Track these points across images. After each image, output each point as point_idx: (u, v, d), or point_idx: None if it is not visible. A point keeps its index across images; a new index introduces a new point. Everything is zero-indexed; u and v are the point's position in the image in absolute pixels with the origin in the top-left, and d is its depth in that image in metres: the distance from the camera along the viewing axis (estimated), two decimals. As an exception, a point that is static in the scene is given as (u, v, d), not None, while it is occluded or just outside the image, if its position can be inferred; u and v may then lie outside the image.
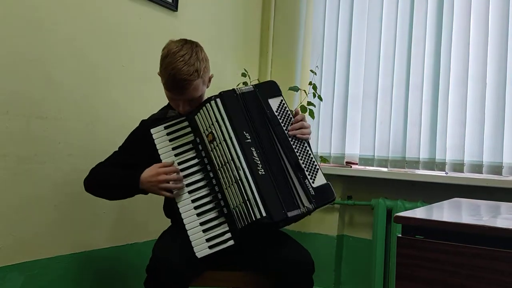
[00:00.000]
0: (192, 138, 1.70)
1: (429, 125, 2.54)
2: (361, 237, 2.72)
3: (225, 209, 1.62)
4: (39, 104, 1.83)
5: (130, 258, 2.21)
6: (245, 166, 1.60)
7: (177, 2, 2.40)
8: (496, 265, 1.06)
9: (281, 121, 1.72)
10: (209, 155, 1.66)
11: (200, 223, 1.62)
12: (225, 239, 1.59)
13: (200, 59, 1.68)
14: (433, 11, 2.57)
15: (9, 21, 1.73)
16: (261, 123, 1.69)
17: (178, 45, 1.69)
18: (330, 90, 2.84)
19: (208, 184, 1.65)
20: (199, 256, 1.58)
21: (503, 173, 2.33)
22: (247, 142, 1.63)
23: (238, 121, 1.65)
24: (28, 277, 1.80)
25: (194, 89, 1.66)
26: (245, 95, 1.71)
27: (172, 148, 1.70)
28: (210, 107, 1.66)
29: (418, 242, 1.16)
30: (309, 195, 1.63)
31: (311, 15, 2.96)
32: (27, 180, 1.80)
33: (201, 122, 1.69)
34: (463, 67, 2.46)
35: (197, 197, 1.65)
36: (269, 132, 1.69)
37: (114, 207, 2.14)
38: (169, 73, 1.64)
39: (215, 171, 1.65)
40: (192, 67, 1.64)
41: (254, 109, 1.70)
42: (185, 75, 1.63)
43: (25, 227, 1.80)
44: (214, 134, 1.65)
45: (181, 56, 1.65)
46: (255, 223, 1.55)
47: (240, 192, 1.58)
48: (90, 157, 2.01)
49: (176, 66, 1.63)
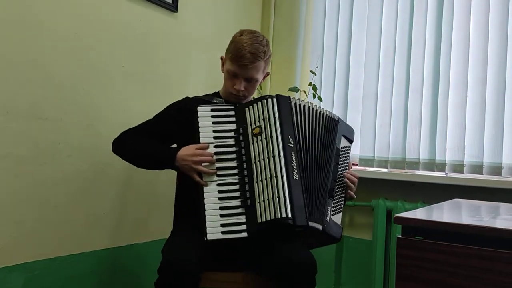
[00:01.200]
0: (234, 127, 1.73)
1: (429, 125, 2.54)
2: (361, 238, 2.72)
3: (249, 201, 1.62)
4: (39, 105, 1.83)
5: (130, 258, 2.21)
6: (283, 166, 1.62)
7: (177, 3, 2.40)
8: (496, 265, 1.06)
9: (341, 158, 1.83)
10: (248, 147, 1.69)
11: (220, 207, 1.63)
12: (240, 229, 1.60)
13: (268, 47, 1.85)
14: (433, 12, 2.57)
15: (9, 21, 1.73)
16: (326, 144, 1.79)
17: (253, 31, 1.86)
18: (330, 91, 2.85)
19: (239, 173, 1.67)
20: (209, 238, 1.59)
21: (503, 173, 2.33)
22: (290, 146, 1.66)
23: (287, 125, 1.70)
24: (29, 278, 1.80)
25: (256, 68, 1.79)
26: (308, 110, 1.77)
27: (213, 131, 1.72)
28: (266, 103, 1.71)
29: (418, 242, 1.16)
30: (323, 217, 1.68)
31: (311, 15, 2.96)
32: (27, 181, 1.80)
33: (251, 115, 1.72)
34: (463, 68, 2.46)
35: (224, 182, 1.67)
36: (329, 155, 1.78)
37: (114, 208, 2.14)
38: (242, 45, 1.78)
39: (250, 163, 1.67)
40: (262, 47, 1.80)
41: (325, 130, 1.80)
42: (255, 50, 1.78)
43: (26, 228, 1.80)
44: (262, 128, 1.69)
45: (255, 37, 1.82)
46: (277, 221, 1.56)
47: (271, 188, 1.60)
48: (90, 158, 2.01)
49: (249, 41, 1.79)
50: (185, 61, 2.49)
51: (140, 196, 2.25)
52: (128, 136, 1.86)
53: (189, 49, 2.51)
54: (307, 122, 1.76)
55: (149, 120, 1.90)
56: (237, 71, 1.80)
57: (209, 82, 2.62)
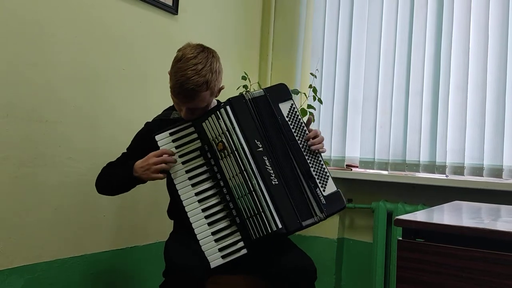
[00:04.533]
0: (199, 145, 1.67)
1: (429, 128, 2.54)
2: (361, 240, 2.71)
3: (238, 218, 1.60)
4: (39, 108, 1.83)
5: (130, 261, 2.21)
6: (258, 177, 1.58)
7: (177, 5, 2.40)
8: (497, 268, 1.06)
9: (292, 126, 1.68)
10: (218, 164, 1.63)
11: (212, 233, 1.61)
12: (238, 248, 1.59)
13: (213, 70, 1.63)
14: (433, 16, 2.57)
15: (10, 25, 1.73)
16: (273, 129, 1.66)
17: (194, 52, 1.63)
18: (330, 93, 2.85)
19: (218, 192, 1.63)
20: (213, 266, 1.57)
21: (504, 176, 2.33)
22: (259, 151, 1.61)
23: (249, 129, 1.63)
24: (28, 280, 1.80)
25: (201, 100, 1.63)
26: (256, 100, 1.68)
27: (179, 156, 1.67)
28: (219, 115, 1.63)
29: (418, 245, 1.16)
30: (320, 204, 1.62)
31: (311, 18, 2.97)
32: (27, 183, 1.80)
33: (210, 130, 1.65)
34: (463, 71, 2.46)
35: (207, 206, 1.63)
36: (281, 139, 1.66)
37: (114, 211, 2.13)
38: (178, 79, 1.59)
39: (225, 180, 1.62)
40: (203, 78, 1.59)
41: (265, 115, 1.67)
42: (193, 85, 1.58)
43: (25, 230, 1.80)
44: (224, 143, 1.62)
45: (194, 65, 1.59)
46: (271, 234, 1.55)
47: (254, 203, 1.57)
48: (90, 160, 2.01)
49: (186, 74, 1.58)
50: (185, 64, 2.49)
51: (140, 198, 2.24)
52: (101, 173, 1.81)
53: (189, 52, 2.51)
54: (263, 112, 1.67)
55: (123, 153, 1.85)
56: (180, 104, 1.67)
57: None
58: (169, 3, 2.35)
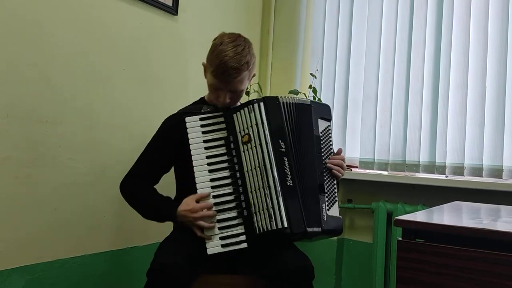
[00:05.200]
0: (225, 135, 1.71)
1: (429, 128, 2.54)
2: (361, 241, 2.71)
3: (245, 211, 1.62)
4: (39, 108, 1.83)
5: (130, 261, 2.21)
6: (276, 174, 1.61)
7: (177, 6, 2.40)
8: (496, 268, 1.06)
9: (322, 142, 1.77)
10: (239, 155, 1.67)
11: (217, 220, 1.63)
12: (239, 240, 1.60)
13: (251, 53, 1.74)
14: (433, 15, 2.57)
15: (10, 25, 1.73)
16: (305, 137, 1.72)
17: (232, 37, 1.74)
18: (330, 94, 2.85)
19: (233, 183, 1.66)
20: (210, 252, 1.59)
21: (503, 176, 2.33)
22: (281, 151, 1.64)
23: (276, 128, 1.67)
24: (29, 280, 1.80)
25: (240, 80, 1.71)
26: (297, 106, 1.74)
27: (204, 141, 1.70)
28: (252, 108, 1.67)
29: (418, 245, 1.16)
30: (320, 218, 1.65)
31: (311, 18, 2.97)
32: (27, 184, 1.80)
33: (239, 122, 1.70)
34: (463, 70, 2.46)
35: (219, 193, 1.66)
36: (310, 147, 1.72)
37: (114, 211, 2.14)
38: (221, 60, 1.67)
39: (242, 173, 1.65)
40: (244, 58, 1.69)
41: (304, 122, 1.74)
42: (236, 63, 1.67)
43: (26, 231, 1.80)
44: (250, 135, 1.66)
45: (234, 47, 1.70)
46: (275, 232, 1.56)
47: (265, 199, 1.59)
48: (90, 160, 2.01)
49: (229, 53, 1.67)
50: (185, 64, 2.49)
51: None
52: (134, 185, 1.82)
53: (189, 52, 2.51)
54: (296, 119, 1.72)
55: (145, 154, 1.85)
56: (221, 86, 1.73)
57: (209, 84, 2.62)
58: (169, 4, 2.35)
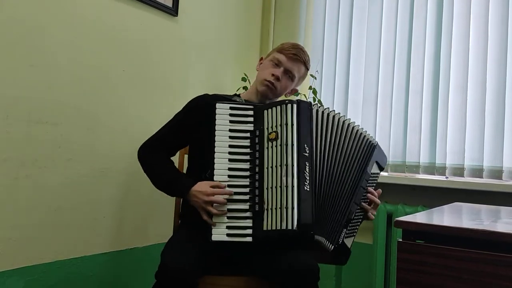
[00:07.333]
0: (251, 128, 1.70)
1: (429, 129, 2.54)
2: (361, 242, 2.71)
3: (257, 206, 1.61)
4: (39, 109, 1.83)
5: (130, 262, 2.21)
6: (295, 176, 1.59)
7: (177, 7, 2.40)
8: (497, 269, 1.06)
9: (368, 181, 1.81)
10: (262, 151, 1.66)
11: (228, 209, 1.63)
12: (245, 234, 1.59)
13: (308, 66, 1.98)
14: (433, 17, 2.57)
15: (10, 26, 1.73)
16: (357, 170, 1.76)
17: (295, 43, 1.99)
18: (330, 95, 2.85)
19: (250, 177, 1.65)
20: (214, 239, 1.59)
21: (503, 177, 2.33)
22: (304, 155, 1.63)
23: (304, 133, 1.66)
24: (28, 282, 1.80)
25: (299, 67, 1.91)
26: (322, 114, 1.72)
27: (229, 130, 1.69)
28: (285, 108, 1.66)
29: (418, 246, 1.16)
30: (335, 239, 1.68)
31: (311, 19, 2.97)
32: (27, 185, 1.80)
33: (269, 118, 1.68)
34: (463, 71, 2.46)
35: (234, 184, 1.65)
36: (358, 177, 1.76)
37: (114, 212, 2.13)
38: (294, 43, 1.95)
39: (262, 168, 1.64)
40: (307, 58, 1.95)
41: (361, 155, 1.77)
42: (304, 53, 1.92)
43: (25, 232, 1.79)
44: (278, 133, 1.65)
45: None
46: (283, 231, 1.55)
47: (281, 198, 1.58)
48: (90, 161, 2.01)
49: (299, 46, 1.94)
50: (185, 65, 2.49)
51: (140, 200, 2.24)
52: (154, 152, 1.87)
53: (189, 53, 2.51)
54: (329, 131, 1.71)
55: (172, 121, 1.92)
56: (283, 60, 1.88)
57: (209, 86, 2.63)
58: (169, 5, 2.35)
